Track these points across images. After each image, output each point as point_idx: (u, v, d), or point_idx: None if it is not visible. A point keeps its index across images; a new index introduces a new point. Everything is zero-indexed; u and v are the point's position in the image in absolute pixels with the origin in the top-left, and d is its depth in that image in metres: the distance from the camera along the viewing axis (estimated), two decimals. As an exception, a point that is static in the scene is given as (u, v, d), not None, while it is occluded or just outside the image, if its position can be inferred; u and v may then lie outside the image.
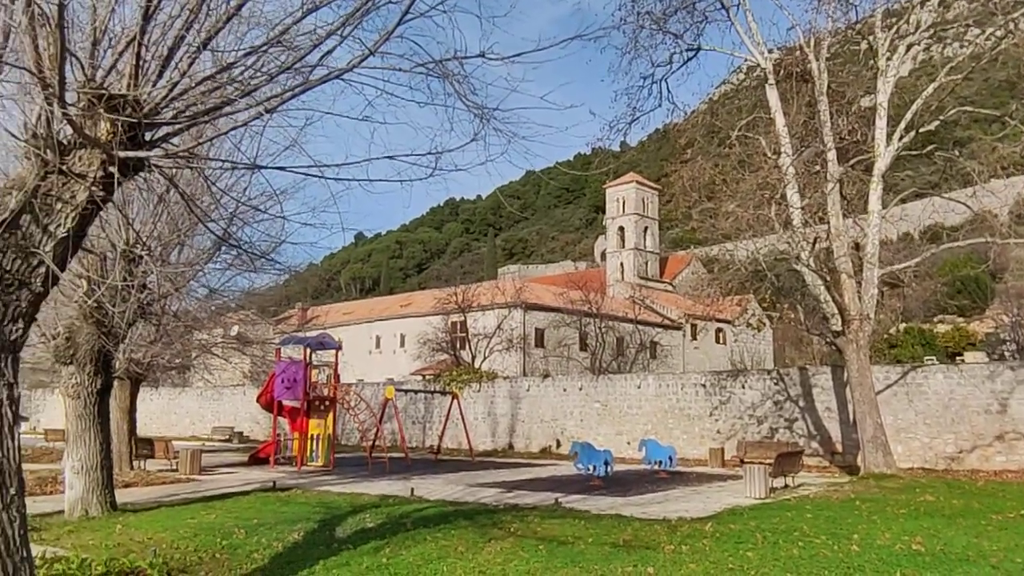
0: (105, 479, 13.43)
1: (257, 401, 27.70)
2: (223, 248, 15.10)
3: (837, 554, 9.68)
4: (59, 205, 6.11)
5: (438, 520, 12.64)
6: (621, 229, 74.82)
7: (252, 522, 12.28)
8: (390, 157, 6.81)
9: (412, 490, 16.63)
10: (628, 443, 27.95)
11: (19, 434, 6.00)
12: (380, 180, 6.72)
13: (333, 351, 25.32)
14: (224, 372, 37.33)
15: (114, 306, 12.27)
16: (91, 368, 13.33)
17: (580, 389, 31.51)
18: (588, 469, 19.98)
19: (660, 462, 22.13)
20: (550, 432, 31.73)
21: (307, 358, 24.62)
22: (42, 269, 6.07)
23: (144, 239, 12.53)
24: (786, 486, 17.98)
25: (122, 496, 14.55)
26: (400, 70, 6.27)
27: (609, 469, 20.28)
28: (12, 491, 5.82)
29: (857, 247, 21.99)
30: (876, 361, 22.71)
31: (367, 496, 16.00)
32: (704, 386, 28.29)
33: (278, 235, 12.27)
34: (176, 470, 21.27)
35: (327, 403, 24.33)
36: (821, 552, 9.80)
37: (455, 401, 29.45)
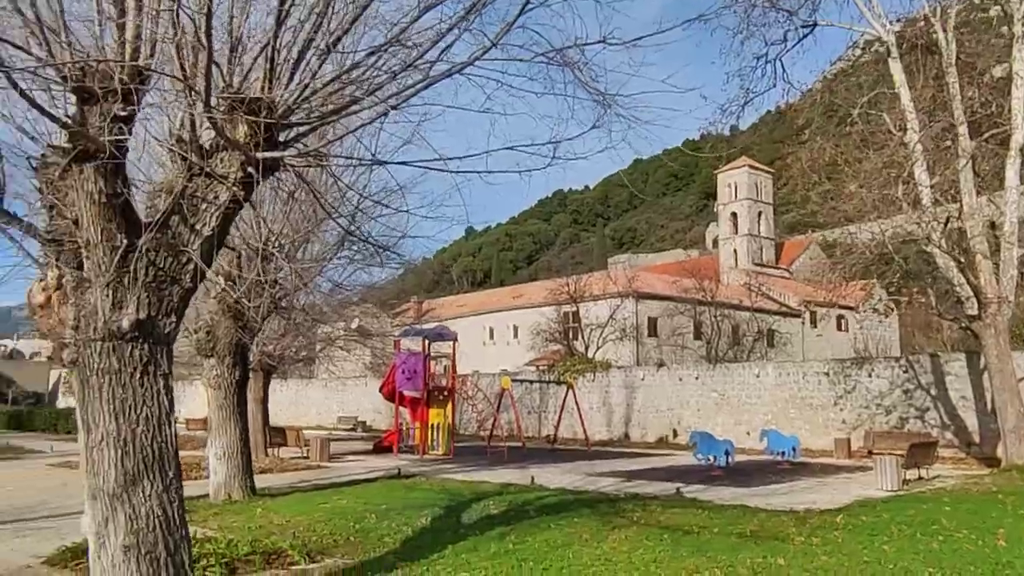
0: (245, 465, 14.13)
1: (380, 392, 28.51)
2: (346, 243, 15.60)
3: (982, 549, 9.11)
4: (204, 205, 6.42)
5: (560, 508, 12.67)
6: (734, 215, 72.85)
7: (381, 507, 12.65)
8: (510, 148, 6.82)
9: (532, 478, 16.73)
10: (748, 433, 27.20)
11: (175, 422, 6.37)
12: (499, 172, 6.74)
13: (451, 342, 25.75)
14: (347, 364, 38.71)
15: (250, 301, 12.85)
16: (230, 360, 14.04)
17: (696, 378, 30.90)
18: (708, 459, 19.57)
19: (783, 453, 21.43)
20: (666, 422, 31.28)
21: (426, 349, 25.14)
22: (191, 266, 6.40)
23: (275, 237, 13.07)
24: (920, 478, 17.07)
25: (259, 481, 15.25)
26: (520, 60, 6.26)
27: (730, 459, 19.79)
28: (171, 474, 6.18)
29: (993, 226, 20.58)
30: (1016, 346, 21.17)
31: (488, 484, 16.19)
32: (827, 374, 27.19)
33: (396, 230, 12.57)
34: (307, 457, 22.17)
35: (446, 393, 24.79)
36: (964, 547, 9.25)
37: (570, 391, 29.43)
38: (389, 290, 35.79)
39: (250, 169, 6.40)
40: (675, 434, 30.51)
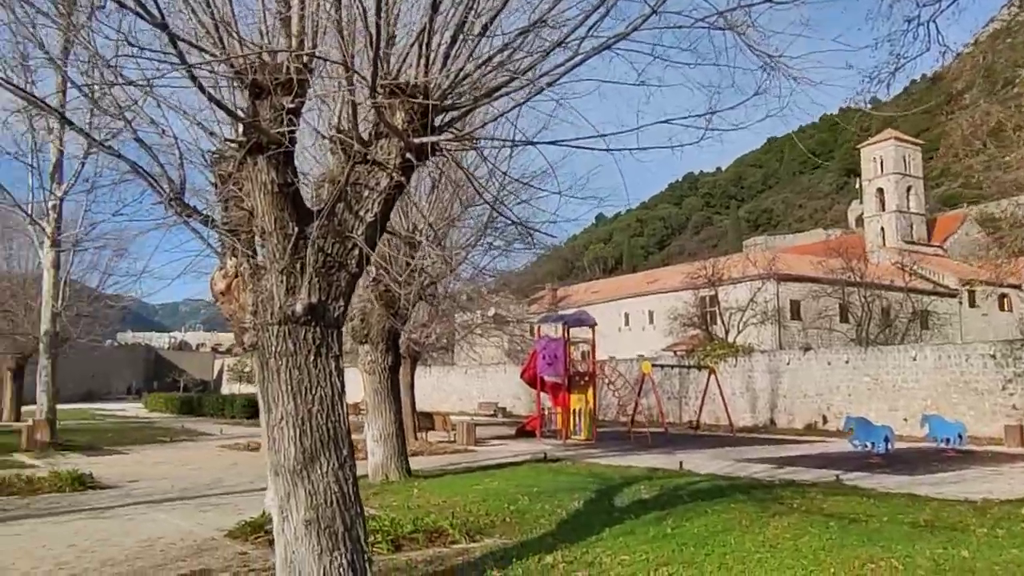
0: (400, 447, 14.53)
1: (521, 377, 28.72)
2: (488, 229, 15.70)
3: None
4: (366, 192, 6.53)
5: (713, 493, 12.28)
6: (880, 191, 68.66)
7: (532, 489, 12.68)
8: (665, 121, 6.56)
9: (680, 463, 16.35)
10: (905, 420, 25.59)
11: (346, 403, 6.53)
12: (653, 148, 6.49)
13: (590, 328, 25.57)
14: (486, 350, 39.29)
15: (400, 289, 13.14)
16: (383, 346, 14.45)
17: (846, 362, 29.35)
18: (865, 446, 18.51)
19: (947, 440, 19.98)
20: (814, 408, 29.90)
21: (566, 335, 25.09)
22: (356, 251, 6.53)
23: (422, 225, 13.30)
24: (1112, 467, 15.49)
25: (412, 463, 15.63)
26: (680, 27, 5.99)
27: (889, 446, 18.63)
28: (345, 452, 6.34)
29: None
30: None
31: (635, 469, 15.95)
32: (994, 357, 25.15)
33: (535, 214, 12.49)
34: (453, 441, 22.64)
35: (586, 379, 24.66)
36: None
37: (712, 376, 28.63)
38: (524, 278, 35.94)
39: (408, 155, 6.46)
40: (824, 420, 29.13)
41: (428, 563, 8.09)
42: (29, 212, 22.44)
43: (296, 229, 6.30)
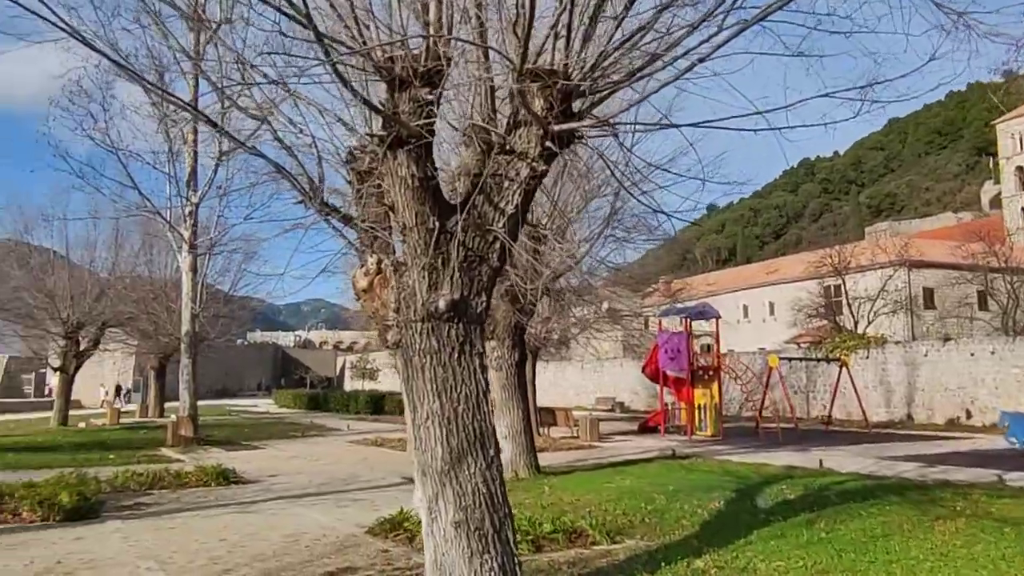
0: (528, 444, 14.34)
1: (642, 372, 28.09)
2: (612, 221, 15.28)
3: None
4: (506, 184, 6.28)
5: (863, 494, 11.47)
6: (1019, 169, 63.81)
7: (668, 488, 12.22)
8: (825, 95, 6.00)
9: (820, 462, 15.45)
10: (1064, 414, 23.47)
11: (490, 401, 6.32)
12: (805, 126, 5.94)
13: (712, 320, 24.72)
14: (602, 344, 38.73)
15: (526, 284, 12.92)
16: (509, 342, 14.29)
17: (992, 353, 27.22)
18: (1024, 443, 17.04)
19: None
20: (956, 402, 27.90)
21: (688, 328, 24.33)
22: (497, 245, 6.30)
23: (547, 219, 13.03)
24: None
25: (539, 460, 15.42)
26: (846, -11, 5.44)
27: (1052, 443, 17.09)
28: (491, 452, 6.13)
29: None
30: None
31: (771, 466, 15.20)
32: None
33: (662, 201, 12.00)
34: (576, 437, 22.34)
35: (711, 373, 23.83)
36: None
37: (843, 368, 27.16)
38: (636, 270, 35.20)
39: (548, 143, 6.18)
40: (968, 415, 27.13)
41: (571, 565, 7.81)
42: (168, 219, 23.60)
43: (437, 224, 6.13)
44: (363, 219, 6.96)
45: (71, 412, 32.52)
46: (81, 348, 31.38)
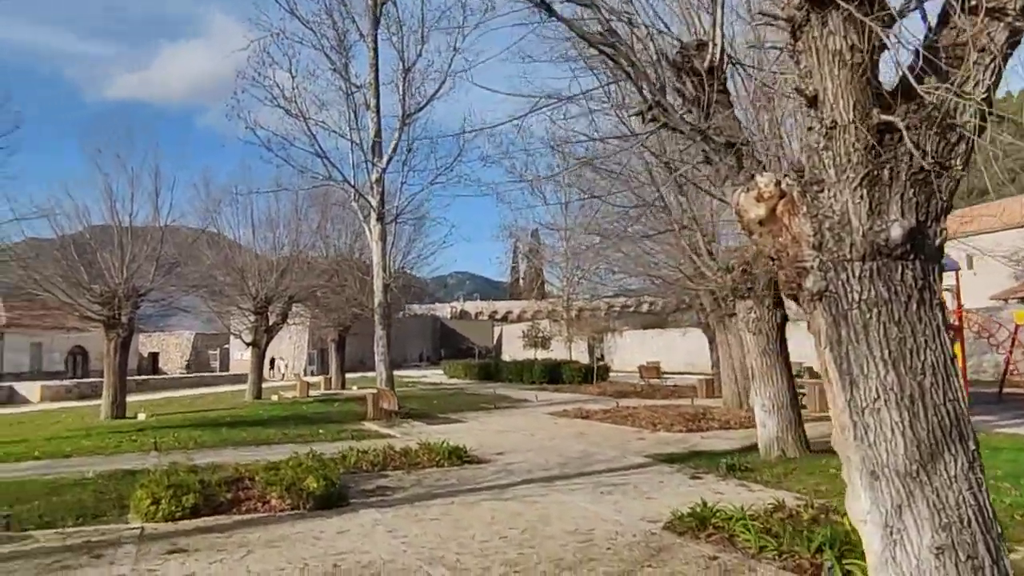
0: (796, 417, 12.34)
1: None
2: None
3: None
4: (975, 57, 4.29)
5: None
6: None
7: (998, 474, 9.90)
8: None
9: None
10: None
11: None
12: None
13: (952, 272, 21.45)
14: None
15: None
16: (770, 300, 12.27)
17: None
18: None
19: None
20: None
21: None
22: (961, 147, 4.34)
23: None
24: None
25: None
26: None
27: None
28: (972, 446, 4.23)
29: None
30: None
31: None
32: None
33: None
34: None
35: (951, 332, 20.66)
36: None
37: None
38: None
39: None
40: None
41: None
42: (355, 185, 22.89)
43: (879, 118, 4.25)
44: (717, 130, 5.23)
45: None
46: (270, 323, 31.84)
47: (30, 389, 36.73)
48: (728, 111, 5.55)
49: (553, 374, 37.50)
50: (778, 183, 4.65)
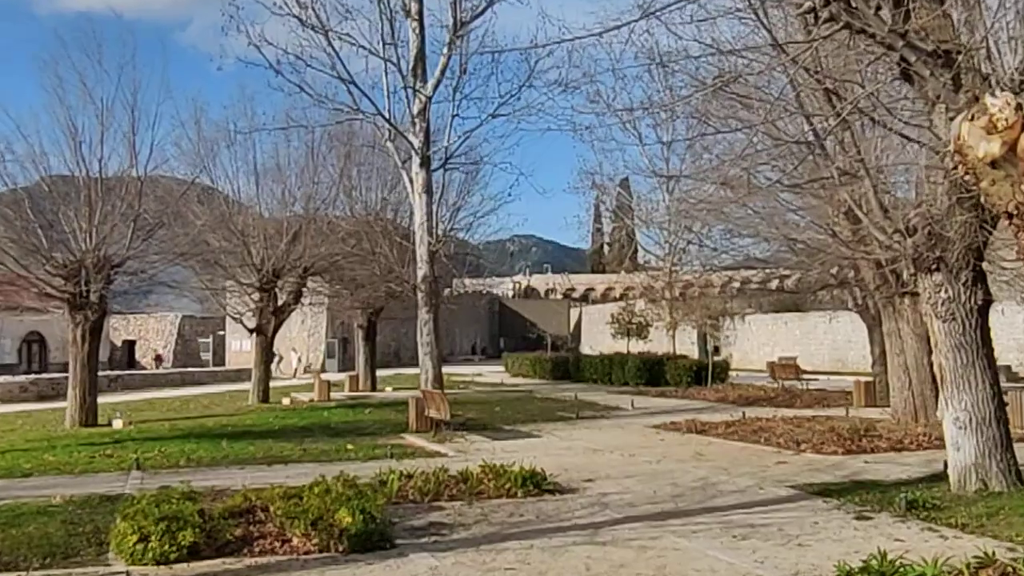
0: (1002, 437, 11.87)
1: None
2: None
3: None
4: None
5: None
6: None
7: None
8: None
9: None
10: None
11: None
12: None
13: None
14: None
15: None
16: (966, 276, 11.80)
17: None
18: None
19: None
20: None
21: None
22: None
23: None
24: None
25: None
26: None
27: None
28: None
29: None
30: None
31: None
32: None
33: None
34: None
35: None
36: None
37: None
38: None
39: None
40: None
41: None
42: (391, 119, 22.85)
43: None
44: (922, 32, 4.93)
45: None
46: (279, 303, 32.32)
47: (-28, 388, 38.02)
48: (937, 7, 5.23)
49: (653, 373, 37.32)
50: (1020, 106, 4.34)
